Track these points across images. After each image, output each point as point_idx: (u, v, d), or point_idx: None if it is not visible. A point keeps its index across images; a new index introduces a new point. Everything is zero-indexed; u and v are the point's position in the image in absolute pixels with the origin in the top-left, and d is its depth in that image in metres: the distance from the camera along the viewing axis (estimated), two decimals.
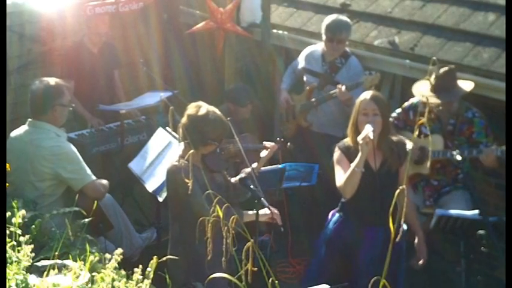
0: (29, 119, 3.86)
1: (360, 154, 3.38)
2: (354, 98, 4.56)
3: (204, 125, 3.29)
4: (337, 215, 3.74)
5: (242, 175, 3.53)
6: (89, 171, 3.83)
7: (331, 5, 5.30)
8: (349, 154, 3.54)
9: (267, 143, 3.89)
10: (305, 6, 5.48)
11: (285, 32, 5.39)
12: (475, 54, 4.25)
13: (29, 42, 5.38)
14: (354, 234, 3.61)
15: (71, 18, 5.43)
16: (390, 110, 3.69)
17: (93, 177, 3.83)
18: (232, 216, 1.84)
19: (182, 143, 3.44)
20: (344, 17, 4.78)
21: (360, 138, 3.36)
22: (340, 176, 3.54)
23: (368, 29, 4.93)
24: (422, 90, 4.04)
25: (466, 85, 4.01)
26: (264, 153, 3.82)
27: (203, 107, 3.36)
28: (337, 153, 3.63)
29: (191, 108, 3.37)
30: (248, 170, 3.61)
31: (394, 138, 3.64)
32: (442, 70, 3.97)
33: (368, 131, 3.34)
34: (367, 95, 3.54)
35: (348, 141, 3.62)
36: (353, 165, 3.41)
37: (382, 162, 3.54)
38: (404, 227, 3.61)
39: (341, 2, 5.24)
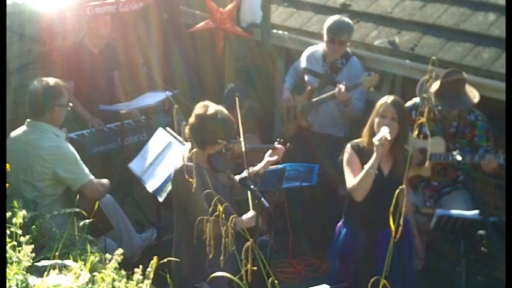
0: (28, 120, 3.85)
1: (374, 155, 3.33)
2: (352, 98, 4.58)
3: (213, 124, 3.29)
4: (344, 228, 3.68)
5: (243, 175, 3.53)
6: (86, 170, 3.82)
7: (331, 5, 5.30)
8: (362, 154, 3.49)
9: (275, 145, 3.87)
10: (305, 7, 5.48)
11: (285, 32, 5.39)
12: (475, 54, 4.25)
13: (29, 43, 5.38)
14: (367, 243, 3.56)
15: (71, 18, 5.43)
16: (408, 118, 3.65)
17: (91, 177, 3.82)
18: (232, 216, 1.84)
19: (188, 143, 3.44)
20: (346, 18, 4.78)
21: (375, 139, 3.32)
22: (351, 178, 3.48)
23: (368, 29, 4.94)
24: (430, 91, 3.98)
25: (473, 93, 3.94)
26: (269, 154, 3.79)
27: (211, 107, 3.35)
28: (348, 153, 3.56)
29: (199, 108, 3.36)
30: (254, 168, 3.60)
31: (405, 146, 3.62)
32: (447, 78, 3.89)
33: (385, 132, 3.30)
34: (388, 98, 3.49)
35: (361, 141, 3.57)
36: (367, 166, 3.35)
37: (392, 168, 3.51)
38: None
39: (341, 2, 5.24)
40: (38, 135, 3.77)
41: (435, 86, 3.96)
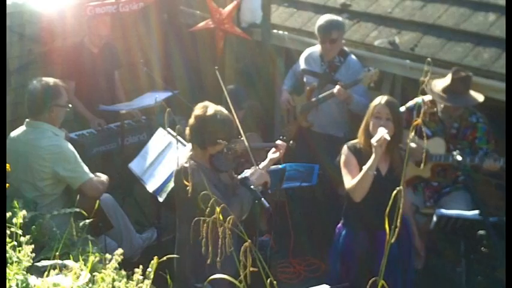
0: (27, 120, 3.86)
1: (373, 156, 3.34)
2: (353, 95, 4.58)
3: (212, 125, 3.28)
4: (344, 229, 3.69)
5: (244, 175, 3.52)
6: (86, 169, 3.83)
7: (331, 5, 5.30)
8: (360, 155, 3.50)
9: (277, 143, 3.86)
10: (305, 7, 5.48)
11: (285, 32, 5.39)
12: (475, 55, 4.25)
13: (30, 43, 5.37)
14: (367, 243, 3.56)
15: (71, 19, 5.43)
16: (402, 118, 3.66)
17: (91, 175, 3.84)
18: (229, 217, 1.84)
19: (189, 144, 3.43)
20: (335, 17, 4.78)
21: (374, 141, 3.33)
22: (349, 179, 3.49)
23: (368, 29, 4.94)
24: (435, 89, 3.99)
25: (477, 95, 3.97)
26: (272, 153, 3.79)
27: (210, 107, 3.35)
28: (345, 154, 3.58)
29: (198, 109, 3.36)
30: (255, 168, 3.59)
31: (402, 146, 3.62)
32: (458, 74, 3.92)
33: (383, 133, 3.32)
34: (382, 99, 3.51)
35: (357, 142, 3.59)
36: (365, 167, 3.37)
37: (390, 168, 3.52)
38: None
39: (341, 2, 5.24)
40: (37, 135, 3.77)
41: (445, 82, 3.96)
